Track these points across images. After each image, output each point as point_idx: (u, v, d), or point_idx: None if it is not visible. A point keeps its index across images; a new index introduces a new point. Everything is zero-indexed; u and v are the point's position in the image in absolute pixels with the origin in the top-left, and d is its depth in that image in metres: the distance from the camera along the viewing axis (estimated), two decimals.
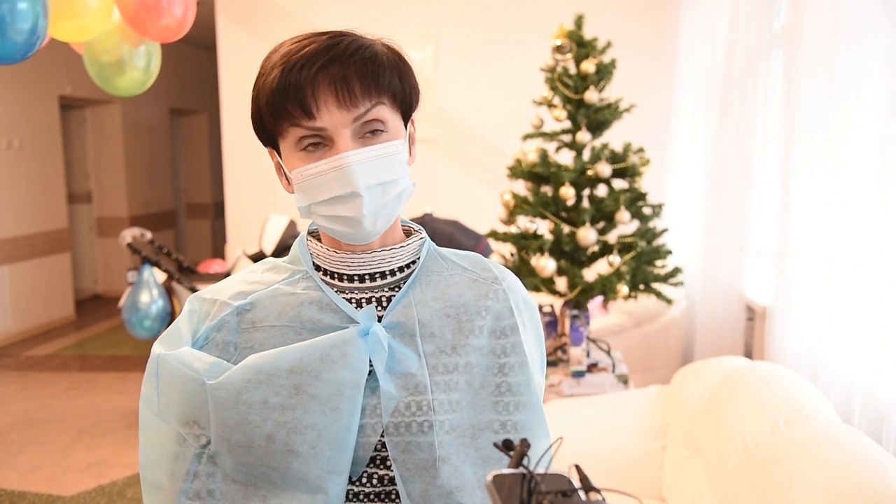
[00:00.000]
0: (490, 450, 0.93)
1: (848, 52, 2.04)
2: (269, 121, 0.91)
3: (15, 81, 6.13)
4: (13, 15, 1.72)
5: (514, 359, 0.96)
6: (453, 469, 0.90)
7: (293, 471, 0.88)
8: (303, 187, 0.91)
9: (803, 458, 1.58)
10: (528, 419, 0.95)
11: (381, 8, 5.27)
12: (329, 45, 0.88)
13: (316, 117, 0.87)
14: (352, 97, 0.88)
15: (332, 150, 0.89)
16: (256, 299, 0.95)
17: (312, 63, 0.87)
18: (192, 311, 0.97)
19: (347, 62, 0.88)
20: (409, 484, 0.89)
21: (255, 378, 0.88)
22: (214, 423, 0.89)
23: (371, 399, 0.90)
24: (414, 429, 0.90)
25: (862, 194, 2.01)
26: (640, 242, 2.75)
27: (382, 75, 0.90)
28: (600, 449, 2.25)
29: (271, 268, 1.01)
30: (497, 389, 0.95)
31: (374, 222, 0.91)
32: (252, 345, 0.93)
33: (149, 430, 0.94)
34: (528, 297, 1.03)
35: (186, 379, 0.90)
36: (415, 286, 0.96)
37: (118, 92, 2.45)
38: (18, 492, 3.40)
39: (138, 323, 3.93)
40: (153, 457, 0.94)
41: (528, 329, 1.00)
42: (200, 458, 0.91)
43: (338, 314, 0.93)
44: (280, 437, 0.87)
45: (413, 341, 0.93)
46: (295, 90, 0.87)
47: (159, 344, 0.94)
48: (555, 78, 2.87)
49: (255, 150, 5.74)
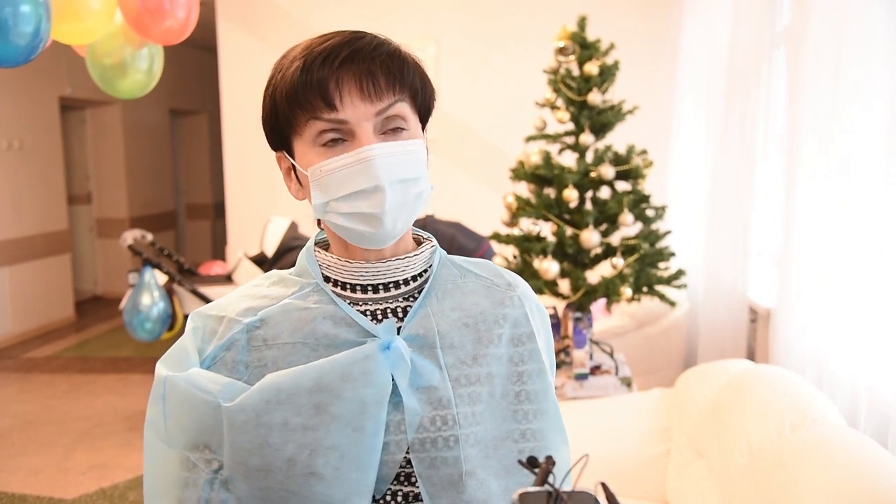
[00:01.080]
0: (512, 459, 0.91)
1: (852, 53, 2.03)
2: (285, 116, 0.87)
3: (15, 83, 6.12)
4: (16, 18, 1.71)
5: (531, 366, 0.95)
6: (479, 483, 0.88)
7: (316, 494, 0.84)
8: (321, 183, 0.87)
9: (809, 463, 1.58)
10: (546, 427, 0.94)
11: (382, 8, 5.26)
12: (352, 39, 0.87)
13: (339, 109, 0.85)
14: (376, 89, 0.85)
15: (354, 145, 0.86)
16: (267, 315, 0.91)
17: (336, 55, 0.85)
18: (195, 329, 0.93)
19: (372, 55, 0.86)
20: (436, 500, 0.87)
21: (274, 399, 0.84)
22: (230, 448, 0.85)
23: (394, 415, 0.87)
24: (440, 444, 0.87)
25: (866, 196, 2.00)
26: (643, 245, 2.74)
27: (406, 71, 0.88)
28: (604, 452, 2.24)
29: (277, 281, 0.96)
30: (516, 398, 0.93)
31: (395, 221, 0.88)
32: (265, 363, 0.89)
33: (154, 456, 0.89)
34: (539, 302, 1.02)
35: (198, 402, 0.86)
36: (430, 296, 0.94)
37: (120, 94, 2.44)
38: (19, 495, 3.39)
39: (139, 325, 3.93)
40: (158, 487, 0.89)
41: (541, 335, 0.98)
42: (212, 484, 0.86)
43: (354, 328, 0.90)
44: (302, 459, 0.84)
45: (433, 353, 0.90)
46: (318, 81, 0.84)
47: (163, 365, 0.90)
48: (558, 80, 2.87)
49: (255, 151, 5.76)
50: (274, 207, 5.19)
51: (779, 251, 2.62)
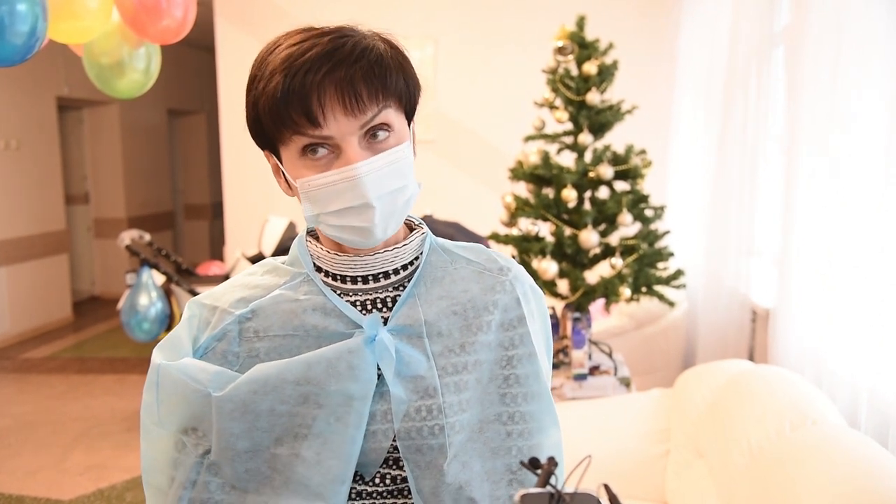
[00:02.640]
0: (498, 441, 0.93)
1: (851, 52, 2.03)
2: (269, 127, 0.87)
3: (12, 82, 6.11)
4: (12, 17, 1.70)
5: (522, 350, 0.95)
6: (461, 465, 0.91)
7: (297, 475, 0.87)
8: (310, 197, 0.88)
9: (809, 463, 1.57)
10: (536, 409, 0.95)
11: (380, 8, 5.25)
12: (332, 49, 0.85)
13: (322, 126, 0.84)
14: (359, 103, 0.84)
15: (341, 159, 0.86)
16: (258, 307, 0.93)
17: (318, 69, 0.83)
18: (191, 317, 0.95)
19: (353, 66, 0.84)
20: (420, 481, 0.90)
21: (261, 390, 0.87)
22: (218, 434, 0.88)
23: (381, 405, 0.89)
24: (425, 432, 0.89)
25: (865, 195, 2.00)
26: (642, 245, 2.74)
27: (389, 78, 0.87)
28: (603, 453, 2.24)
29: (270, 270, 0.98)
30: (505, 381, 0.94)
31: (385, 230, 0.90)
32: (256, 354, 0.92)
33: (149, 436, 0.93)
34: (534, 285, 1.02)
35: (189, 390, 0.88)
36: (419, 284, 0.95)
37: (118, 94, 2.43)
38: (17, 495, 3.38)
39: (137, 325, 3.91)
40: (155, 462, 0.93)
41: (536, 318, 0.99)
42: (199, 467, 0.90)
43: (342, 319, 0.91)
44: (287, 441, 0.88)
45: (420, 342, 0.92)
46: (299, 98, 0.83)
47: (159, 352, 0.93)
48: (556, 79, 2.86)
49: (254, 150, 5.72)
50: (272, 207, 5.18)
51: (779, 251, 2.62)
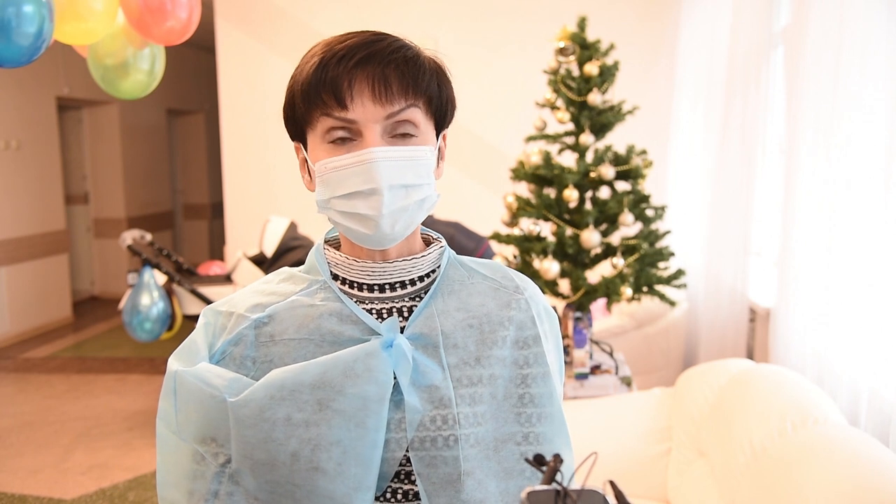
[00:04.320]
0: (513, 462, 0.92)
1: (851, 53, 2.04)
2: (301, 108, 0.89)
3: (12, 82, 6.11)
4: (19, 18, 1.71)
5: (536, 370, 0.94)
6: (477, 483, 0.89)
7: (319, 489, 0.85)
8: (325, 180, 0.89)
9: (812, 462, 1.58)
10: (549, 431, 0.94)
11: (380, 8, 5.26)
12: (371, 41, 0.88)
13: (349, 108, 0.86)
14: (388, 93, 0.87)
15: (360, 145, 0.87)
16: (274, 312, 0.93)
17: (352, 55, 0.86)
18: (207, 325, 0.94)
19: (388, 59, 0.87)
20: (434, 499, 0.88)
21: (278, 394, 0.86)
22: (236, 441, 0.87)
23: (395, 413, 0.88)
24: (439, 443, 0.88)
25: (865, 195, 2.01)
26: (643, 244, 2.75)
27: (422, 77, 0.89)
28: (605, 452, 2.24)
29: (287, 278, 0.98)
30: (520, 401, 0.93)
31: (393, 225, 0.89)
32: (271, 359, 0.91)
33: (166, 447, 0.91)
34: (548, 306, 1.02)
35: (205, 396, 0.88)
36: (436, 296, 0.95)
37: (122, 95, 2.43)
38: (19, 495, 3.38)
39: (139, 325, 3.92)
40: (170, 476, 0.91)
41: (549, 339, 0.98)
42: (220, 478, 0.88)
43: (359, 326, 0.91)
44: (305, 454, 0.85)
45: (436, 353, 0.91)
46: (331, 79, 0.86)
47: (175, 359, 0.92)
48: (558, 80, 2.87)
49: (254, 150, 5.76)
50: (272, 207, 5.19)
51: (778, 251, 2.63)
